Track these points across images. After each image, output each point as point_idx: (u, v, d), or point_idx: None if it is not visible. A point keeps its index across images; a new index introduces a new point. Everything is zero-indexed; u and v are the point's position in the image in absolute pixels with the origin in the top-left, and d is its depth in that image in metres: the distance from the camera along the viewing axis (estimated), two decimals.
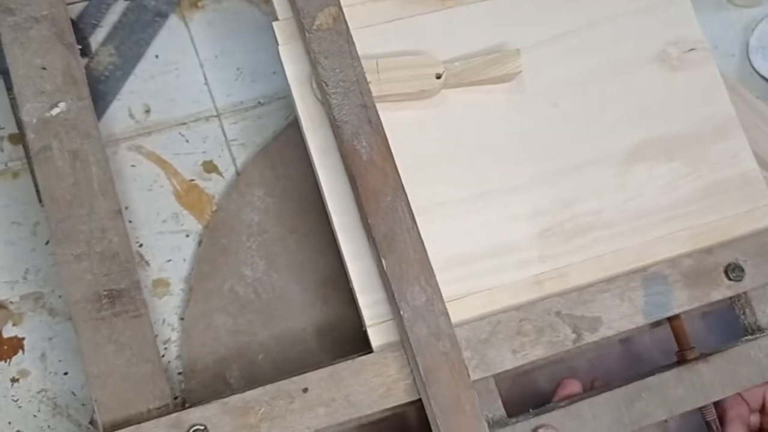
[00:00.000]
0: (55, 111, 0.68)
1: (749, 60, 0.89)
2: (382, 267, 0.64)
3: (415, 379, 0.65)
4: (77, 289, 0.65)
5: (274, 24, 0.71)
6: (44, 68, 0.69)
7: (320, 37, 0.68)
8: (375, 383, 0.65)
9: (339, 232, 0.68)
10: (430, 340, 0.64)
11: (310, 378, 0.64)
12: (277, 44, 0.71)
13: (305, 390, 0.64)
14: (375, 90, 0.68)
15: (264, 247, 0.76)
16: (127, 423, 0.63)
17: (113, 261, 0.66)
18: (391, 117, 0.69)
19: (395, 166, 0.66)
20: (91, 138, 0.68)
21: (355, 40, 0.69)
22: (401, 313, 0.64)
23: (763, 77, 0.88)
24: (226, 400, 0.63)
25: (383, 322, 0.66)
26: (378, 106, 0.68)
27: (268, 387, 0.64)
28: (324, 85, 0.67)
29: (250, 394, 0.63)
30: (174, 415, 0.62)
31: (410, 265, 0.65)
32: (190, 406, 0.64)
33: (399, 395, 0.65)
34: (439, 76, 0.69)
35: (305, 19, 0.68)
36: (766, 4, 0.91)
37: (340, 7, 0.69)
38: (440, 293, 0.65)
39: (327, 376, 0.65)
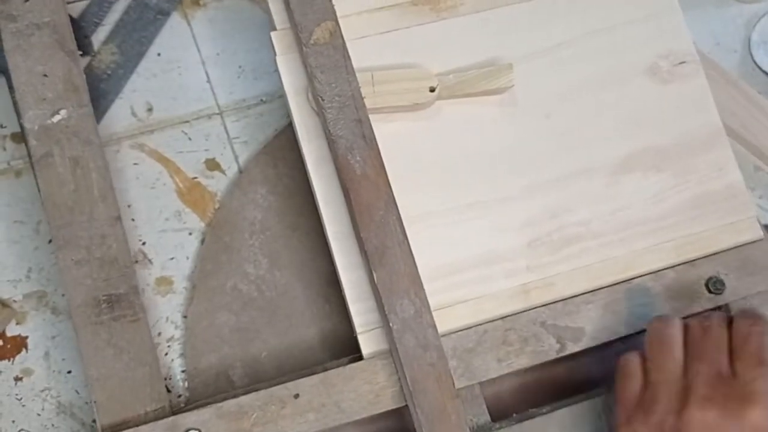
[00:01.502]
0: (56, 118, 0.70)
1: (751, 56, 0.89)
2: (373, 280, 0.66)
3: (403, 388, 0.67)
4: (78, 294, 0.67)
5: (272, 34, 0.72)
6: (45, 75, 0.70)
7: (317, 52, 0.69)
8: (364, 390, 0.67)
9: (332, 241, 0.70)
10: (417, 351, 0.66)
11: (302, 384, 0.67)
12: (275, 54, 0.72)
13: (297, 396, 0.66)
14: (370, 102, 0.70)
15: (267, 244, 0.77)
16: (126, 425, 0.65)
17: (112, 266, 0.68)
18: (384, 128, 0.70)
19: (388, 180, 0.68)
20: (92, 145, 0.70)
21: (350, 51, 0.70)
22: (390, 324, 0.66)
23: (765, 72, 0.88)
24: (220, 404, 0.65)
25: (374, 329, 0.68)
26: (372, 117, 0.69)
27: (261, 393, 0.66)
28: (320, 99, 0.68)
29: (243, 400, 0.66)
30: (170, 418, 0.65)
31: (400, 278, 0.67)
32: (187, 409, 0.66)
33: (387, 402, 0.67)
34: (432, 89, 0.71)
35: (302, 33, 0.69)
36: None
37: (337, 22, 0.70)
38: (428, 306, 0.67)
39: (318, 383, 0.67)
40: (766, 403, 0.58)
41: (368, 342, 0.68)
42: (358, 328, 0.68)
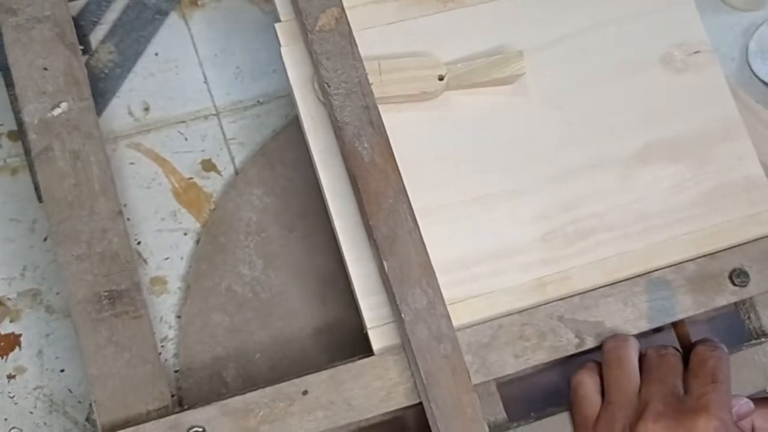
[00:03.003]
0: (57, 111, 0.68)
1: (748, 64, 0.88)
2: (383, 269, 0.64)
3: (416, 383, 0.64)
4: (78, 290, 0.65)
5: (277, 25, 0.71)
6: (46, 69, 0.69)
7: (322, 38, 0.68)
8: (375, 386, 0.65)
9: (340, 234, 0.67)
10: (431, 342, 0.63)
11: (310, 381, 0.64)
12: (280, 46, 0.70)
13: (305, 393, 0.64)
14: (377, 91, 0.68)
15: (262, 246, 0.76)
16: (126, 424, 0.62)
17: (113, 262, 0.66)
18: (393, 118, 0.68)
19: (397, 167, 0.66)
20: (93, 138, 0.68)
21: (357, 41, 0.68)
22: (402, 315, 0.63)
23: (762, 81, 0.87)
24: (225, 402, 0.63)
25: (384, 324, 0.66)
26: (380, 107, 0.67)
27: (268, 389, 0.63)
28: (326, 86, 0.67)
29: (249, 397, 0.63)
30: (173, 416, 0.62)
31: (411, 268, 0.64)
32: (188, 407, 0.64)
33: (399, 399, 0.65)
34: (441, 78, 0.69)
35: (307, 20, 0.68)
36: (766, 8, 0.90)
37: (343, 9, 0.69)
38: (441, 296, 0.64)
39: (327, 379, 0.64)
40: (715, 413, 0.60)
41: (379, 337, 0.66)
42: (368, 324, 0.66)
